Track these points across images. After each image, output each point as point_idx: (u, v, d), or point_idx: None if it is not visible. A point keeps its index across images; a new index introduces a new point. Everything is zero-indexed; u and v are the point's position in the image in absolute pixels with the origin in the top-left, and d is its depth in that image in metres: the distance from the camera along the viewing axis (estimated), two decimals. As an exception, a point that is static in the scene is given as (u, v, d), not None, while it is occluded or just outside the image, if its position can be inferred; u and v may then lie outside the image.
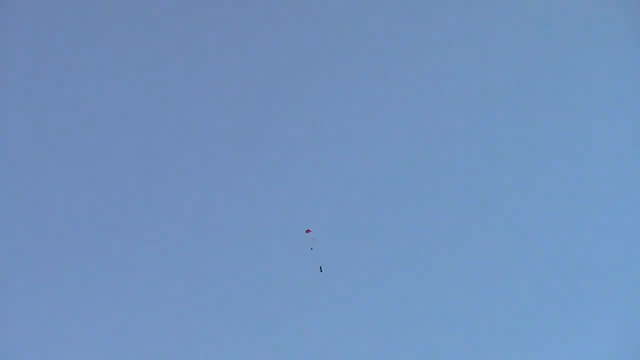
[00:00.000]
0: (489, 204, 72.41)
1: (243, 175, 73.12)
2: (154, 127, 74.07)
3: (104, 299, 69.80)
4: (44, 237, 70.97)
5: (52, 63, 73.91)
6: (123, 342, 68.15)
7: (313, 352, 67.92)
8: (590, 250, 70.33)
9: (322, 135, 74.39)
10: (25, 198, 71.58)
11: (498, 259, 70.66)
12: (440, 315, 68.96)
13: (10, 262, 69.46)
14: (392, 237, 71.26)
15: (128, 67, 74.72)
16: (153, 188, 72.66)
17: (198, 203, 72.36)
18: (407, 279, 70.08)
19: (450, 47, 75.41)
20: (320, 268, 66.76)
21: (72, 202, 72.16)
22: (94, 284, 70.10)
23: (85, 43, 74.54)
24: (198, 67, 75.29)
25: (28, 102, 73.45)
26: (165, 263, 70.56)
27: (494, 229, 71.63)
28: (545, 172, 72.89)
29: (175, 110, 74.47)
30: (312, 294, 69.21)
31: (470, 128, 74.36)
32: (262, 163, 73.44)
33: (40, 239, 70.83)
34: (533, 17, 74.82)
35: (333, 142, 74.06)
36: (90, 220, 71.72)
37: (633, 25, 71.51)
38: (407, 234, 71.49)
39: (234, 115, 74.47)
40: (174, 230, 71.44)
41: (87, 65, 74.42)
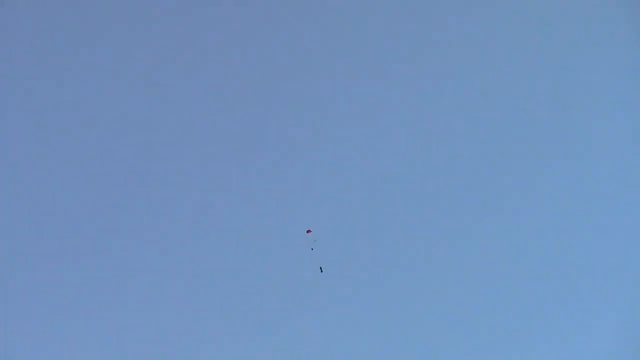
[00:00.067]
0: (489, 204, 72.44)
1: (243, 175, 73.16)
2: (154, 127, 74.11)
3: (104, 299, 69.80)
4: (44, 237, 70.98)
5: (51, 63, 73.89)
6: (123, 342, 68.18)
7: (313, 352, 67.96)
8: (590, 250, 70.38)
9: (322, 135, 74.42)
10: (25, 198, 71.56)
11: (498, 259, 70.72)
12: (441, 315, 69.01)
13: (10, 262, 69.51)
14: (392, 237, 71.32)
15: (128, 67, 74.74)
16: (153, 188, 72.69)
17: (198, 203, 72.36)
18: (407, 279, 70.15)
19: (451, 47, 75.42)
20: (321, 268, 66.81)
21: (71, 202, 72.16)
22: (94, 284, 70.11)
23: (85, 43, 74.51)
24: (198, 67, 75.26)
25: (28, 102, 73.39)
26: (166, 263, 70.59)
27: (494, 229, 71.67)
28: (545, 172, 72.90)
29: (175, 110, 74.43)
30: (312, 294, 69.27)
31: (471, 128, 74.39)
32: (262, 163, 73.46)
33: (40, 239, 70.84)
34: (533, 16, 74.86)
35: (333, 142, 74.08)
36: (90, 220, 71.75)
37: (633, 25, 71.55)
38: (407, 234, 71.56)
39: (235, 115, 74.51)
40: (174, 230, 71.43)
41: (86, 66, 74.40)
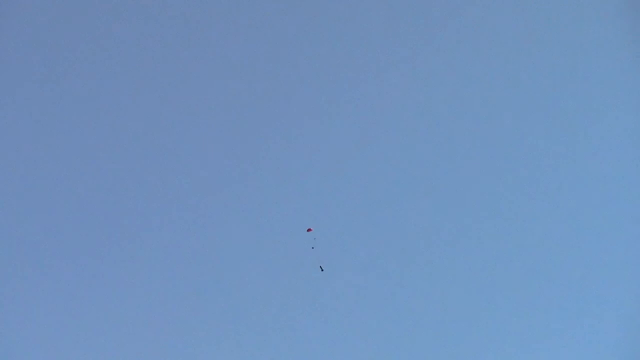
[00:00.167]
0: (489, 204, 72.46)
1: (244, 174, 73.17)
2: (154, 126, 74.18)
3: (104, 299, 69.77)
4: (44, 237, 70.98)
5: (50, 63, 73.95)
6: (123, 342, 68.14)
7: (313, 351, 67.91)
8: (590, 250, 70.37)
9: (322, 135, 74.46)
10: (25, 198, 71.57)
11: (498, 259, 70.72)
12: (441, 315, 68.96)
13: (10, 262, 69.48)
14: (392, 236, 71.33)
15: (128, 67, 74.82)
16: (153, 186, 72.71)
17: (198, 202, 72.34)
18: (408, 278, 70.10)
19: (451, 47, 75.52)
20: (321, 267, 66.77)
21: (71, 202, 72.18)
22: (94, 284, 70.07)
23: (84, 43, 74.60)
24: (197, 67, 75.35)
25: (27, 102, 73.45)
26: (166, 262, 70.56)
27: (495, 229, 71.70)
28: (545, 172, 72.93)
29: (175, 110, 74.56)
30: (312, 294, 69.27)
31: (471, 128, 74.47)
32: (262, 162, 73.49)
33: (40, 239, 70.85)
34: (533, 16, 74.98)
35: (333, 141, 74.13)
36: (90, 221, 71.74)
37: (633, 25, 71.62)
38: (407, 233, 71.54)
39: (235, 114, 74.57)
40: (174, 230, 71.45)
41: (86, 65, 74.49)
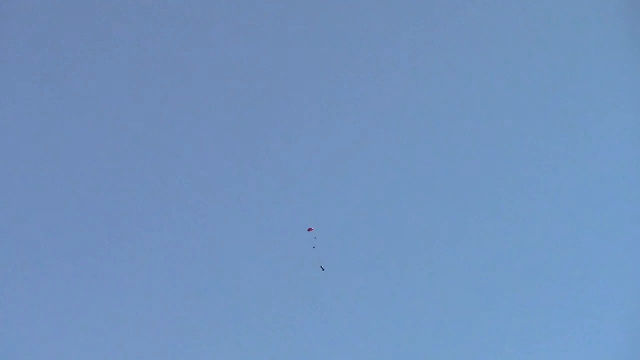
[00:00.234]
0: (490, 205, 72.54)
1: (244, 174, 73.14)
2: (154, 126, 74.19)
3: (103, 299, 69.74)
4: (43, 237, 70.93)
5: (50, 63, 73.99)
6: (123, 342, 68.14)
7: (314, 351, 67.92)
8: (590, 250, 70.45)
9: (323, 134, 74.49)
10: (26, 198, 71.57)
11: (499, 259, 70.80)
12: (442, 314, 69.02)
13: (10, 262, 69.48)
14: (393, 236, 71.35)
15: (128, 66, 74.85)
16: (154, 186, 72.69)
17: (198, 202, 72.32)
18: (409, 278, 70.14)
19: (451, 47, 75.62)
20: (322, 267, 66.78)
21: (71, 202, 72.17)
22: (94, 284, 70.06)
23: (84, 42, 74.66)
24: (197, 66, 75.37)
25: (27, 102, 73.45)
26: (166, 262, 70.51)
27: (495, 229, 71.78)
28: (545, 171, 73.01)
29: (175, 110, 74.59)
30: (313, 293, 69.29)
31: (471, 127, 74.54)
32: (263, 161, 73.50)
33: (39, 239, 70.81)
34: (532, 15, 75.13)
35: (334, 140, 74.16)
36: (90, 220, 71.73)
37: (633, 25, 71.74)
38: (408, 233, 71.56)
39: (236, 113, 74.58)
40: (175, 230, 71.42)
41: (86, 65, 74.48)
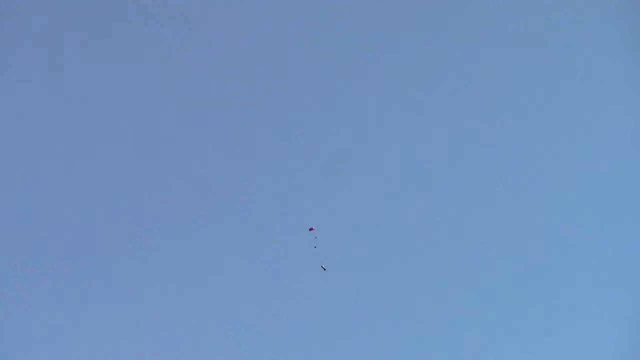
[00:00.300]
0: (490, 204, 72.70)
1: (245, 173, 73.26)
2: (154, 126, 74.33)
3: (103, 299, 69.73)
4: (43, 237, 70.97)
5: (50, 63, 74.05)
6: (123, 342, 68.10)
7: (315, 351, 67.97)
8: (590, 250, 70.60)
9: (324, 134, 74.61)
10: (25, 198, 71.53)
11: (499, 259, 70.96)
12: (443, 314, 69.13)
13: (10, 262, 69.44)
14: (395, 236, 71.42)
15: (128, 66, 74.95)
16: (156, 186, 72.91)
17: (200, 202, 72.41)
18: (410, 278, 70.21)
19: (451, 46, 75.85)
20: (323, 267, 66.77)
21: (70, 202, 72.21)
22: (93, 285, 70.02)
23: (84, 42, 74.72)
24: (197, 66, 75.51)
25: (26, 102, 73.46)
26: (167, 262, 70.64)
27: (496, 229, 71.95)
28: (545, 171, 73.23)
29: (176, 110, 74.67)
30: (314, 294, 69.29)
31: (471, 127, 74.74)
32: (264, 161, 73.60)
33: (39, 239, 70.85)
34: (533, 15, 75.28)
35: (335, 140, 74.31)
36: (90, 221, 71.76)
37: (633, 25, 71.86)
38: (409, 233, 71.66)
39: (238, 114, 74.67)
40: (176, 230, 71.52)
41: (86, 65, 74.68)
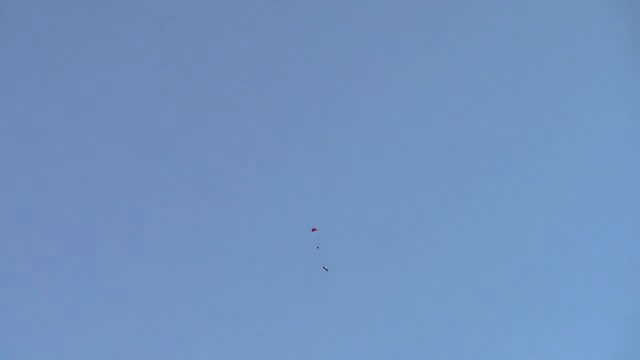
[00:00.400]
0: (491, 204, 72.74)
1: (247, 173, 73.12)
2: (155, 126, 74.14)
3: (103, 299, 69.58)
4: (42, 237, 70.76)
5: (50, 62, 73.86)
6: (123, 342, 67.98)
7: (316, 352, 67.94)
8: (590, 250, 70.71)
9: (326, 134, 74.55)
10: (25, 198, 71.35)
11: (500, 259, 71.00)
12: (443, 315, 69.16)
13: (10, 262, 69.26)
14: (397, 237, 71.41)
15: (126, 67, 74.80)
16: (158, 186, 72.68)
17: (202, 202, 72.29)
18: (412, 279, 70.19)
19: (451, 46, 75.85)
20: (325, 267, 66.72)
21: (70, 202, 72.02)
22: (93, 284, 69.91)
23: (84, 42, 74.55)
24: (197, 66, 75.38)
25: (27, 102, 73.28)
26: (169, 263, 70.49)
27: (496, 229, 71.97)
28: (545, 171, 73.31)
29: (178, 110, 74.55)
30: (316, 294, 69.21)
31: (471, 127, 74.77)
32: (266, 161, 73.48)
33: (38, 239, 70.65)
34: (533, 15, 75.37)
35: (337, 141, 74.25)
36: (89, 221, 71.58)
37: (633, 25, 71.98)
38: (411, 234, 71.65)
39: (240, 114, 74.58)
40: (178, 230, 71.37)
41: (85, 65, 74.52)
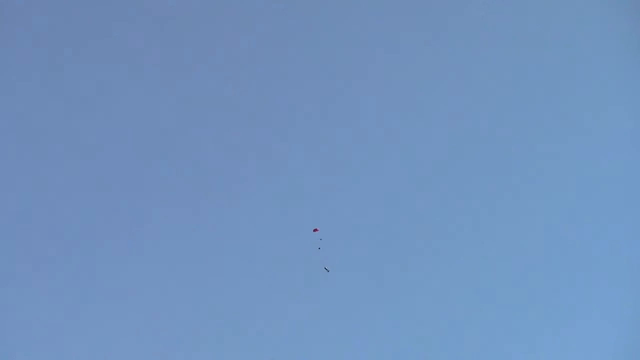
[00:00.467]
0: (491, 204, 72.84)
1: (249, 174, 73.12)
2: (156, 126, 74.09)
3: (103, 299, 69.54)
4: (42, 237, 70.69)
5: (50, 62, 73.77)
6: (123, 342, 67.97)
7: (318, 352, 67.98)
8: (590, 249, 70.86)
9: (327, 134, 74.53)
10: (25, 198, 71.26)
11: (500, 259, 71.09)
12: (445, 315, 69.26)
13: (10, 262, 69.18)
14: (398, 237, 71.44)
15: (126, 67, 74.73)
16: (160, 187, 72.65)
17: (203, 202, 72.23)
18: (413, 279, 70.25)
19: (451, 45, 75.87)
20: (326, 268, 66.70)
21: (70, 202, 71.94)
22: (93, 284, 69.84)
23: (84, 42, 74.49)
24: (198, 66, 75.37)
25: (27, 101, 73.16)
26: (169, 263, 70.44)
27: (497, 229, 72.05)
28: (545, 171, 73.42)
29: (177, 111, 74.47)
30: (317, 295, 69.23)
31: (470, 127, 74.83)
32: (268, 162, 73.50)
33: (39, 239, 70.56)
34: (533, 15, 75.45)
35: (338, 141, 74.19)
36: (89, 220, 71.52)
37: (633, 25, 72.08)
38: (413, 235, 71.73)
39: (242, 113, 74.55)
40: (179, 230, 71.31)
41: (85, 65, 74.45)
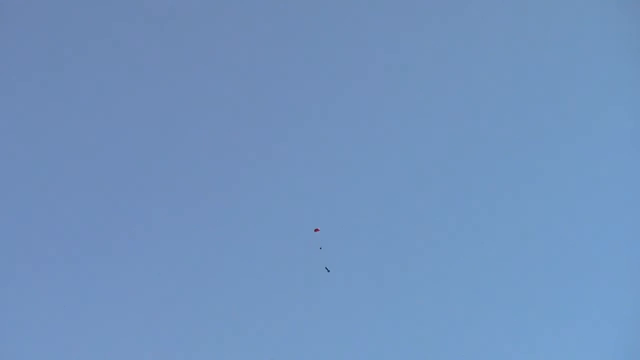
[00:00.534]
0: (492, 204, 72.89)
1: (250, 175, 73.17)
2: (157, 126, 74.15)
3: (103, 299, 69.53)
4: (43, 237, 70.65)
5: (50, 62, 73.76)
6: (123, 342, 67.93)
7: (318, 352, 68.00)
8: (590, 249, 70.93)
9: (328, 135, 74.52)
10: (25, 198, 71.22)
11: (501, 259, 71.17)
12: (445, 316, 69.31)
13: (10, 262, 69.12)
14: (399, 237, 71.50)
15: (126, 67, 74.74)
16: (161, 187, 72.67)
17: (204, 203, 72.26)
18: (414, 280, 70.31)
19: (451, 46, 75.90)
20: (327, 268, 66.71)
21: (70, 202, 71.91)
22: (93, 284, 69.78)
23: (84, 42, 74.48)
24: (198, 66, 75.38)
25: (27, 101, 73.12)
26: (170, 264, 70.46)
27: (498, 229, 72.13)
28: (545, 171, 73.51)
29: (177, 111, 74.50)
30: (318, 295, 69.26)
31: (470, 127, 74.91)
32: (269, 162, 73.44)
33: (39, 239, 70.51)
34: (533, 15, 75.52)
35: (339, 141, 74.20)
36: (89, 221, 71.49)
37: (633, 26, 72.14)
38: (414, 235, 71.79)
39: (243, 113, 74.54)
40: (180, 230, 71.32)
41: (85, 65, 74.46)
